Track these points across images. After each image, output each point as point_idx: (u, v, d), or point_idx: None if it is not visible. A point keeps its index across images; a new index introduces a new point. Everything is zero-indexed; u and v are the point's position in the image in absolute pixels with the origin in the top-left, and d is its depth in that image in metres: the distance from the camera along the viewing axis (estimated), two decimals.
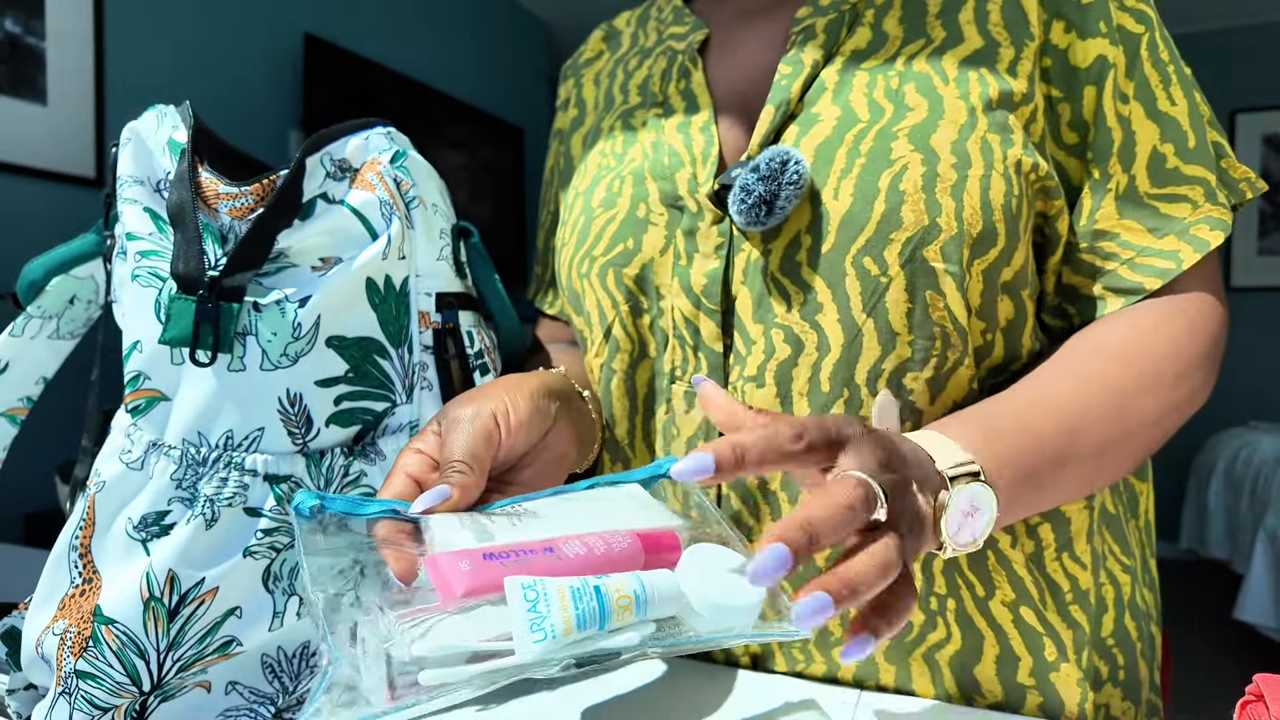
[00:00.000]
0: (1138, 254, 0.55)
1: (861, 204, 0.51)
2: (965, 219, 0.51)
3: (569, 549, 0.38)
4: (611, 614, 0.34)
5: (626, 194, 0.60)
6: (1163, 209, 0.55)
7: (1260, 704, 0.40)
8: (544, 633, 0.32)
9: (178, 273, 0.46)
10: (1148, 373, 0.52)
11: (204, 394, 0.46)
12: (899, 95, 0.54)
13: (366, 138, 0.51)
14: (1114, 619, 0.58)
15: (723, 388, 0.55)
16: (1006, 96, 0.53)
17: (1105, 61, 0.55)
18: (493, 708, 0.51)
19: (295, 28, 2.51)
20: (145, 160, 0.51)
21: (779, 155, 0.51)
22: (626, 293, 0.59)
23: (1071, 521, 0.56)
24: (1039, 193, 0.54)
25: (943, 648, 0.54)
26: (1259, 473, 3.01)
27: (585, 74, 0.75)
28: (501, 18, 3.63)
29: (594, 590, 0.34)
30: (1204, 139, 0.55)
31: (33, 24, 1.81)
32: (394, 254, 0.50)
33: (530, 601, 0.33)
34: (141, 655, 0.44)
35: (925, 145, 0.52)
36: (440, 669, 0.32)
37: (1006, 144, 0.52)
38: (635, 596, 0.35)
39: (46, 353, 0.57)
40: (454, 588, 0.35)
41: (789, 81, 0.56)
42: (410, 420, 0.51)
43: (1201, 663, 2.70)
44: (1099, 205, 0.55)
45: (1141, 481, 0.62)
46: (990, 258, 0.52)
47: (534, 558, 0.37)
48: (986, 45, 0.54)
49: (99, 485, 0.47)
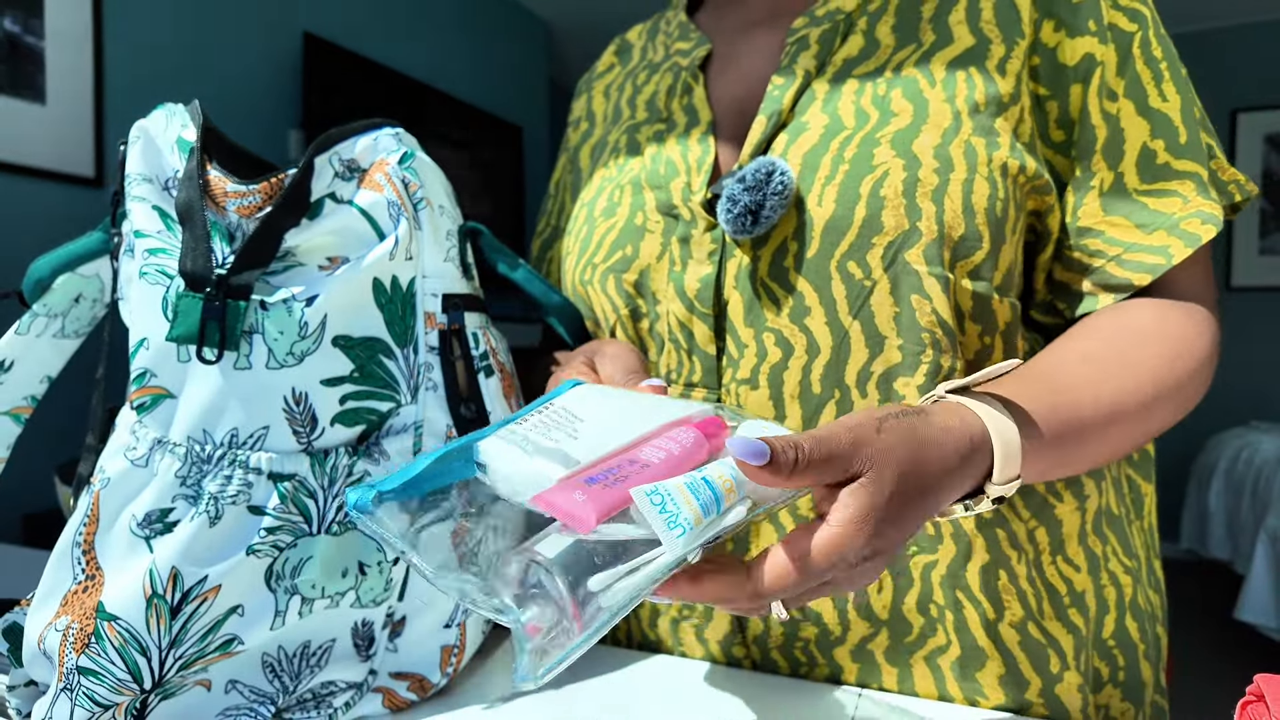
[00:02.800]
0: (1125, 250, 0.55)
1: (844, 209, 0.52)
2: (946, 222, 0.51)
3: (652, 455, 0.41)
4: (723, 497, 0.38)
5: (626, 203, 0.62)
6: (1152, 205, 0.54)
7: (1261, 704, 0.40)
8: (681, 527, 0.36)
9: (185, 270, 0.46)
10: (1138, 363, 0.51)
11: (209, 392, 0.46)
12: (885, 101, 0.54)
13: (375, 138, 0.51)
14: (1115, 620, 0.58)
15: (716, 387, 0.57)
16: (994, 98, 0.53)
17: (1093, 60, 0.55)
18: (498, 706, 0.51)
19: (295, 27, 2.51)
20: (154, 158, 0.51)
21: (764, 166, 0.53)
22: (626, 298, 0.61)
23: (1063, 523, 0.56)
24: (1030, 193, 0.54)
25: (944, 653, 0.54)
26: (1260, 473, 3.01)
27: (596, 87, 0.77)
28: (501, 17, 3.63)
29: (703, 481, 0.38)
30: (1196, 135, 0.55)
31: (32, 23, 1.81)
32: (401, 255, 0.50)
33: (658, 504, 0.36)
34: (143, 652, 0.44)
35: (907, 150, 0.52)
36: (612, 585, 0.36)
37: (992, 147, 0.52)
38: (734, 479, 0.39)
39: (51, 351, 0.57)
40: (586, 519, 0.36)
41: (781, 92, 0.57)
42: (414, 421, 0.51)
43: (1202, 663, 2.70)
44: (1082, 202, 0.56)
45: (1146, 482, 0.62)
46: (975, 260, 0.52)
47: (631, 469, 0.40)
48: (977, 44, 0.55)
49: (103, 482, 0.47)
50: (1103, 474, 0.58)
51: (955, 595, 0.54)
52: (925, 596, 0.54)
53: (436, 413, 0.52)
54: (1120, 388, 0.50)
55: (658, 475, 0.39)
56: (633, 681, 0.56)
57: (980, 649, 0.54)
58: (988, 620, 0.54)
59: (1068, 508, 0.56)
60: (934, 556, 0.54)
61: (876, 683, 0.55)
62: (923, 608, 0.54)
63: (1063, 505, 0.56)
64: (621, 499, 0.37)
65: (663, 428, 0.43)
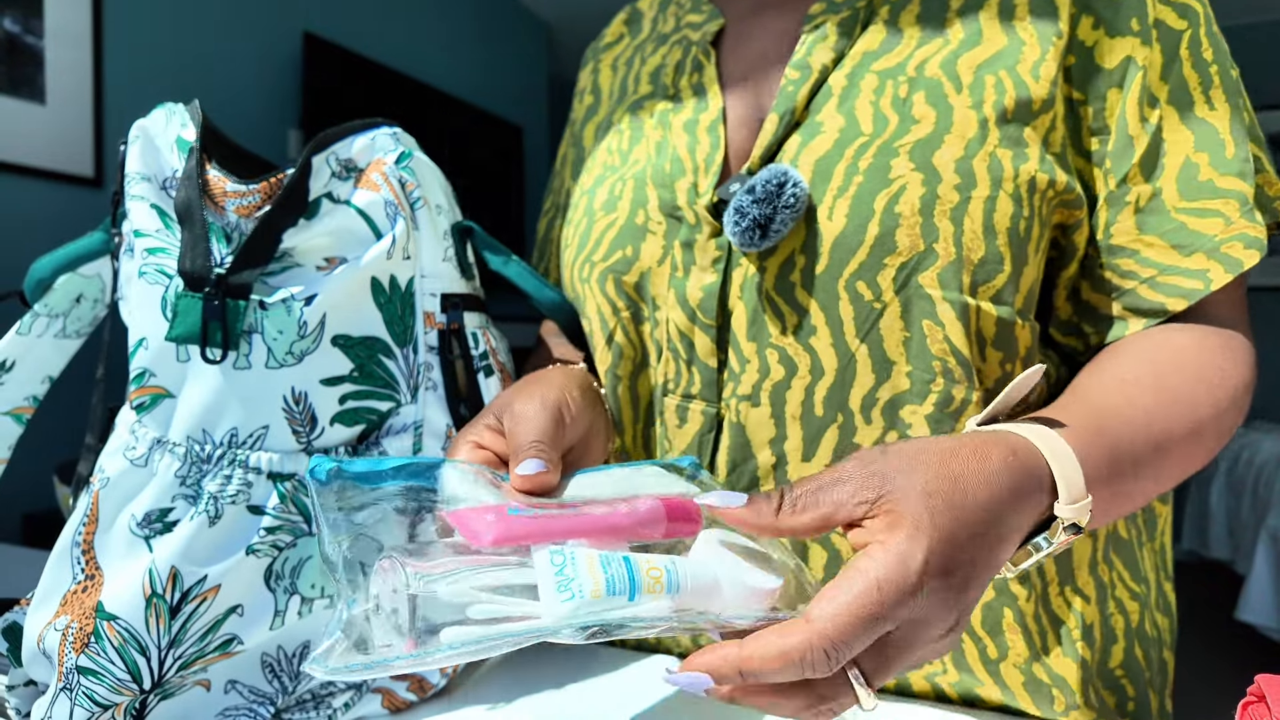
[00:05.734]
0: (1160, 272, 0.50)
1: (855, 226, 0.49)
2: (965, 244, 0.48)
3: (592, 508, 0.37)
4: (640, 584, 0.33)
5: (627, 198, 0.59)
6: (1191, 225, 0.50)
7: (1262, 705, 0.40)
8: (571, 594, 0.32)
9: (184, 270, 0.46)
10: (1178, 389, 0.47)
11: (209, 391, 0.46)
12: (906, 105, 0.51)
13: (372, 138, 0.51)
14: (1124, 649, 0.55)
15: (716, 401, 0.54)
16: (1025, 105, 0.49)
17: (1133, 63, 0.50)
18: (500, 707, 0.51)
19: (294, 26, 2.51)
20: (153, 157, 0.51)
21: (776, 177, 0.49)
22: (627, 300, 0.58)
23: (1073, 552, 0.53)
24: (1058, 207, 0.51)
25: (942, 676, 0.53)
26: (1260, 473, 3.01)
27: (604, 58, 0.73)
28: (502, 17, 3.63)
29: (622, 559, 0.34)
30: (1244, 148, 0.50)
31: (31, 23, 1.81)
32: (399, 254, 0.50)
33: (558, 564, 0.32)
34: (143, 652, 0.44)
35: (927, 163, 0.49)
36: (462, 627, 0.32)
37: (1019, 159, 0.49)
38: (667, 574, 0.34)
39: (53, 351, 0.57)
40: (482, 536, 0.34)
41: (795, 88, 0.53)
42: (414, 420, 0.51)
43: (1203, 663, 2.70)
44: (1115, 219, 0.51)
45: (1162, 504, 0.59)
46: (996, 284, 0.49)
47: (558, 513, 0.36)
48: (1009, 44, 0.51)
49: (103, 481, 0.47)
50: None
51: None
52: None
53: (436, 412, 0.52)
54: (1169, 415, 0.46)
55: (589, 529, 0.36)
56: (633, 682, 0.55)
57: (979, 682, 0.52)
58: (988, 658, 0.51)
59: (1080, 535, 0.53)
60: None
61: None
62: None
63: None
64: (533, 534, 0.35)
65: (632, 496, 0.40)
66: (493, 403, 0.48)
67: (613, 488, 0.42)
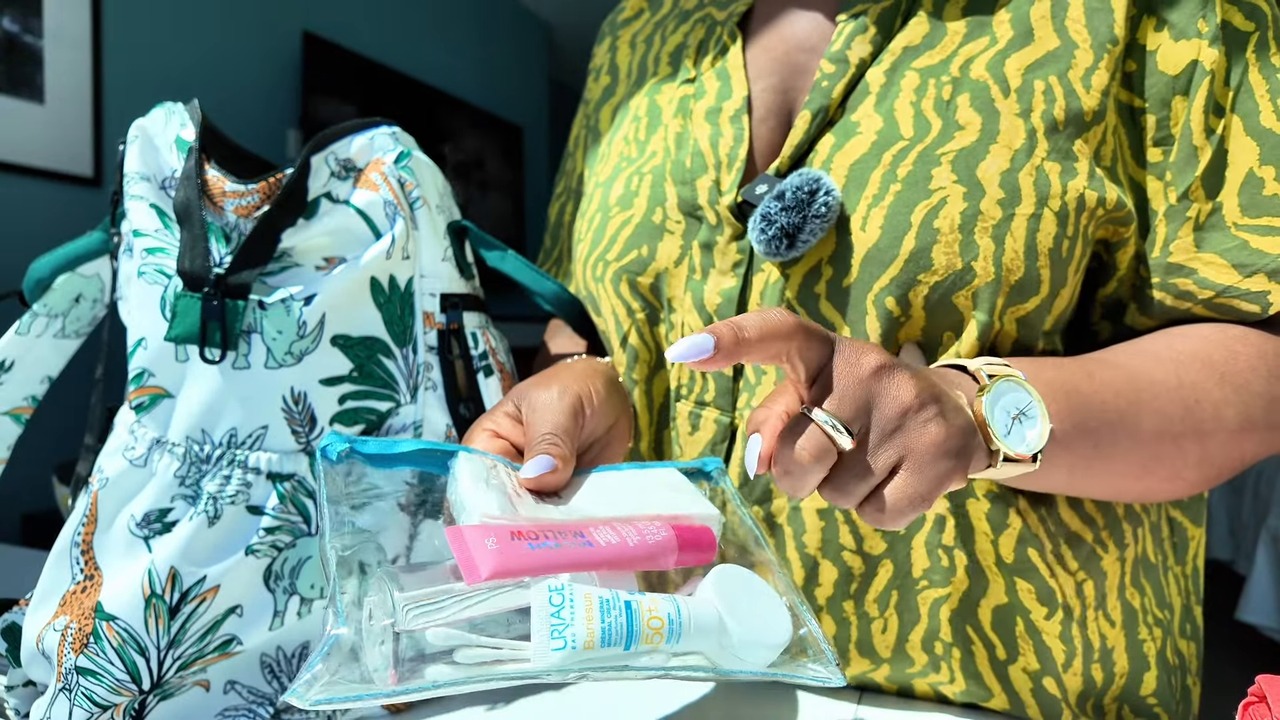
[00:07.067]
0: (1217, 294, 0.47)
1: (890, 239, 0.46)
2: (1005, 264, 0.45)
3: (601, 536, 0.36)
4: (640, 636, 0.32)
5: (644, 194, 0.56)
6: (1254, 243, 0.47)
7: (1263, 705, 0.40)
8: (564, 641, 0.31)
9: (183, 270, 0.46)
10: (1229, 376, 0.45)
11: (208, 391, 0.46)
12: (950, 109, 0.47)
13: (371, 138, 0.51)
14: (1156, 676, 0.53)
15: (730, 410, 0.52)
16: (1076, 116, 0.46)
17: (1199, 69, 0.47)
18: (500, 707, 0.51)
19: (294, 26, 2.51)
20: (152, 157, 0.51)
21: (808, 183, 0.46)
22: (643, 301, 0.56)
23: (1107, 575, 0.51)
24: (1104, 224, 0.48)
25: (948, 686, 0.52)
26: (1261, 473, 3.01)
27: (622, 35, 0.69)
28: (502, 17, 3.63)
29: (624, 605, 0.32)
30: None
31: (30, 22, 1.81)
32: (398, 254, 0.50)
33: (555, 606, 0.31)
34: (142, 652, 0.44)
35: (970, 176, 0.46)
36: (448, 665, 0.31)
37: (1068, 174, 0.46)
38: (669, 620, 0.32)
39: (52, 351, 0.57)
40: (479, 569, 0.32)
41: (830, 83, 0.50)
42: (414, 421, 0.51)
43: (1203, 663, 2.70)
44: (1174, 235, 0.48)
45: (1195, 525, 0.56)
46: (1028, 306, 0.47)
47: (564, 542, 0.35)
48: (1061, 46, 0.47)
49: (102, 481, 0.47)
50: (1140, 519, 0.53)
51: (965, 631, 0.50)
52: (931, 633, 0.50)
53: (436, 412, 0.52)
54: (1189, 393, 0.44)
55: (595, 561, 0.34)
56: (633, 682, 0.55)
57: (987, 688, 0.50)
58: (997, 660, 0.50)
59: (1111, 557, 0.51)
60: (945, 590, 0.49)
61: (876, 688, 0.55)
62: (928, 645, 0.50)
63: (1108, 555, 0.51)
64: (533, 568, 0.33)
65: (644, 516, 0.38)
66: (514, 389, 0.47)
67: (625, 496, 0.40)
